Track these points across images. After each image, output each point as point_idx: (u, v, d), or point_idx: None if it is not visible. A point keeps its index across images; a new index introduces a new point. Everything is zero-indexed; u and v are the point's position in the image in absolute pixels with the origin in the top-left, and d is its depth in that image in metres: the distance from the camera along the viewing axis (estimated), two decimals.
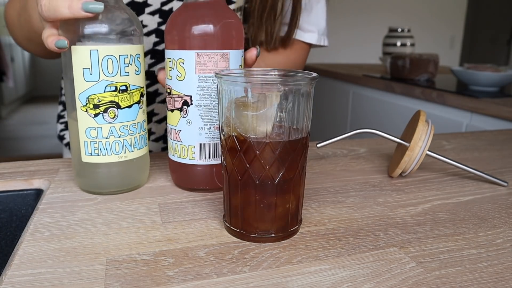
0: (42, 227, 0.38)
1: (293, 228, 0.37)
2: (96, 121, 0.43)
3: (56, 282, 0.30)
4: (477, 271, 0.33)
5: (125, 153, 0.45)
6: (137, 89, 0.44)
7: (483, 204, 0.46)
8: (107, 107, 0.42)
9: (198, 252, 0.34)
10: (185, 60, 0.43)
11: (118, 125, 0.43)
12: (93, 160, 0.44)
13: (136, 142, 0.45)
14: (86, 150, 0.44)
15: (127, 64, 0.42)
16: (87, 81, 0.41)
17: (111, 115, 0.43)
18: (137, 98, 0.44)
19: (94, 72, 0.41)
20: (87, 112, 0.42)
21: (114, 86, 0.42)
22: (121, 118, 0.43)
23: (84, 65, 0.41)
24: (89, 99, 0.42)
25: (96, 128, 0.43)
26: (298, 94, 0.34)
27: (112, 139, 0.43)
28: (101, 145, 0.43)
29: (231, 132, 0.35)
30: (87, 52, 0.40)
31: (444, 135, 0.77)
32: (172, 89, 0.45)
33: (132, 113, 0.44)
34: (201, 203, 0.44)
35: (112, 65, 0.41)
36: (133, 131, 0.45)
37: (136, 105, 0.44)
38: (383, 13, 3.26)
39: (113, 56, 0.41)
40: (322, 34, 0.73)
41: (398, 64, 1.63)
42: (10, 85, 4.29)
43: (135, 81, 0.44)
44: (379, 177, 0.53)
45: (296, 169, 0.36)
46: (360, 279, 0.31)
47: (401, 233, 0.38)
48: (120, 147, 0.44)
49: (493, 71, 1.31)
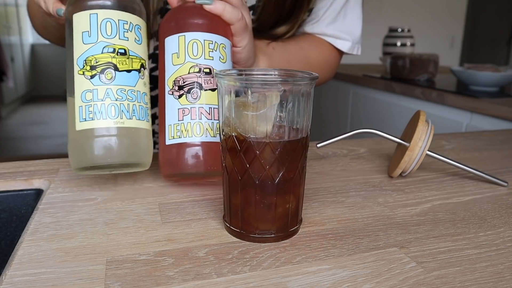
0: (42, 227, 0.38)
1: (293, 228, 0.37)
2: (92, 82, 0.41)
3: (56, 282, 0.30)
4: (477, 271, 0.33)
5: (122, 119, 0.42)
6: (137, 57, 0.43)
7: (483, 204, 0.46)
8: (104, 68, 0.41)
9: (198, 252, 0.34)
10: (226, 45, 0.47)
11: (115, 87, 0.42)
12: (87, 125, 0.41)
13: (135, 110, 0.43)
14: (81, 115, 0.41)
15: (127, 30, 0.42)
16: (85, 43, 0.41)
17: (107, 76, 0.41)
18: (137, 66, 0.43)
19: (93, 34, 0.41)
20: (84, 74, 0.41)
21: (112, 48, 0.42)
22: (119, 80, 0.42)
23: (83, 29, 0.41)
24: (86, 61, 0.41)
25: (91, 90, 0.41)
26: (298, 94, 0.34)
27: (108, 101, 0.41)
28: (96, 108, 0.41)
29: (231, 132, 0.35)
30: (87, 16, 0.41)
31: (444, 135, 0.77)
32: (214, 69, 0.45)
33: (131, 79, 0.43)
34: (201, 203, 0.44)
35: (111, 27, 0.41)
36: (132, 98, 0.43)
37: (136, 72, 0.43)
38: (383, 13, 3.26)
39: (112, 20, 0.41)
40: (357, 43, 0.72)
41: (398, 64, 1.63)
42: (10, 85, 4.29)
43: (135, 49, 0.43)
44: (379, 177, 0.53)
45: (296, 169, 0.36)
46: (360, 279, 0.31)
47: (401, 233, 0.38)
48: (116, 111, 0.42)
49: (493, 71, 1.31)
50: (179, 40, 0.44)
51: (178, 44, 0.44)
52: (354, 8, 0.70)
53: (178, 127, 0.44)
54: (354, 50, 0.73)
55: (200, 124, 0.44)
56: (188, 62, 0.44)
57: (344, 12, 0.69)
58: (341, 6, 0.69)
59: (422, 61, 1.57)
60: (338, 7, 0.68)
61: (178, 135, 0.44)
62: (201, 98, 0.44)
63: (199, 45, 0.44)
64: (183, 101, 0.44)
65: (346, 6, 0.69)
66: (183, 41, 0.44)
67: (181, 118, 0.44)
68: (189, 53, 0.44)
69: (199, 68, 0.44)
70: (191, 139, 0.44)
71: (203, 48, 0.44)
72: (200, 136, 0.44)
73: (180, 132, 0.44)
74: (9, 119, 4.35)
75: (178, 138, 0.44)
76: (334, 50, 0.72)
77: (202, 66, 0.44)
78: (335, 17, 0.69)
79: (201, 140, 0.44)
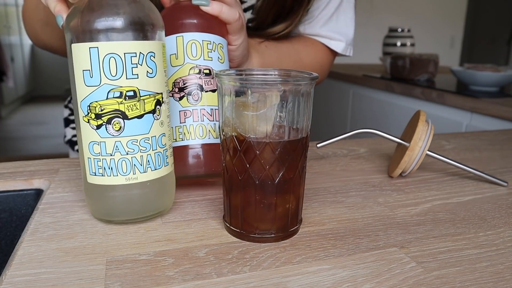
0: (42, 227, 0.38)
1: (293, 228, 0.37)
2: (99, 134, 0.36)
3: (56, 282, 0.30)
4: (477, 271, 0.33)
5: (135, 174, 0.37)
6: (151, 95, 0.37)
7: (483, 204, 0.46)
8: (111, 117, 0.35)
9: (198, 252, 0.34)
10: (223, 45, 0.47)
11: (125, 139, 0.36)
12: (97, 181, 0.37)
13: (150, 161, 0.37)
14: (90, 169, 0.37)
15: (135, 65, 0.35)
16: (87, 85, 0.35)
17: (115, 127, 0.36)
18: (151, 107, 0.37)
19: (95, 75, 0.35)
20: (89, 123, 0.36)
21: (119, 91, 0.35)
22: (128, 131, 0.36)
23: (83, 66, 0.35)
24: (91, 108, 0.35)
25: (99, 143, 0.36)
26: (298, 94, 0.34)
27: (118, 156, 0.36)
28: (105, 164, 0.36)
29: (231, 132, 0.35)
30: (87, 50, 0.34)
31: (444, 135, 0.77)
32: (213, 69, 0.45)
33: (143, 125, 0.36)
34: (201, 203, 0.44)
35: (115, 65, 0.35)
36: (145, 148, 0.37)
37: (150, 116, 0.37)
38: (383, 13, 3.26)
39: (116, 55, 0.34)
40: (349, 44, 0.73)
41: (398, 64, 1.63)
42: (10, 85, 4.30)
43: (147, 85, 0.36)
44: (379, 177, 0.53)
45: (296, 169, 0.36)
46: (360, 279, 0.31)
47: (401, 233, 0.38)
48: (128, 167, 0.37)
49: (493, 71, 1.31)
50: (177, 41, 0.44)
51: (176, 44, 0.44)
52: (346, 9, 0.71)
53: (180, 129, 0.44)
54: (347, 51, 0.73)
55: (202, 126, 0.44)
56: (187, 63, 0.44)
57: (337, 14, 0.70)
58: (335, 8, 0.69)
59: (422, 61, 1.57)
60: (332, 8, 0.69)
61: (180, 137, 0.44)
62: (203, 100, 0.44)
63: (198, 46, 0.44)
64: (184, 103, 0.44)
65: (339, 7, 0.70)
66: (181, 42, 0.44)
67: (183, 121, 0.44)
68: (188, 54, 0.44)
69: (199, 69, 0.44)
70: (194, 141, 0.44)
71: (202, 49, 0.44)
72: (203, 138, 0.44)
73: (182, 135, 0.44)
74: (9, 119, 4.35)
75: (181, 140, 0.44)
76: (328, 51, 0.72)
77: (202, 67, 0.44)
78: (329, 18, 0.69)
79: (204, 142, 0.44)
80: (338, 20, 0.70)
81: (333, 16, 0.70)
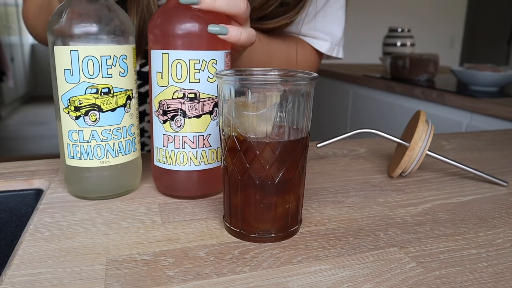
0: (42, 227, 0.38)
1: (293, 228, 0.37)
2: (78, 124, 0.42)
3: (56, 282, 0.30)
4: (477, 271, 0.33)
5: (108, 158, 0.43)
6: (123, 91, 0.43)
7: (483, 204, 0.46)
8: (88, 109, 0.41)
9: (198, 252, 0.34)
10: (217, 60, 0.42)
11: (100, 128, 0.42)
12: (75, 163, 0.43)
13: (121, 147, 0.44)
14: (69, 153, 0.43)
15: (110, 66, 0.41)
16: (68, 82, 0.41)
17: (92, 118, 0.41)
18: (122, 101, 0.43)
19: (75, 73, 0.40)
20: (69, 114, 0.41)
21: (95, 88, 0.41)
22: (103, 121, 0.42)
23: (65, 65, 0.40)
24: (70, 101, 0.41)
25: (77, 131, 0.42)
26: (298, 94, 0.34)
27: (94, 143, 0.42)
28: (82, 149, 0.42)
29: (231, 132, 0.35)
30: (68, 53, 0.40)
31: (444, 135, 0.77)
32: (200, 92, 0.42)
33: (116, 117, 0.43)
34: (201, 203, 0.44)
35: (93, 66, 0.40)
36: (117, 136, 0.43)
37: (121, 109, 0.43)
38: (383, 13, 3.26)
39: (94, 57, 0.40)
40: (337, 45, 0.69)
41: (398, 64, 1.63)
42: (10, 85, 4.30)
43: (119, 83, 0.42)
44: (379, 177, 0.53)
45: (296, 169, 0.36)
46: (360, 279, 0.31)
47: (401, 233, 0.38)
48: (102, 152, 0.43)
49: (493, 71, 1.31)
50: (162, 58, 0.41)
51: (162, 62, 0.41)
52: (334, 8, 0.67)
53: (163, 152, 0.44)
54: (334, 51, 0.69)
55: (183, 154, 0.43)
56: (171, 86, 0.41)
57: (324, 13, 0.67)
58: (320, 6, 0.66)
59: (422, 61, 1.57)
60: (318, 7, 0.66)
61: (163, 160, 0.44)
62: (185, 127, 0.42)
63: (184, 67, 0.41)
64: (167, 127, 0.43)
65: (326, 6, 0.67)
66: (167, 60, 0.41)
67: (165, 145, 0.43)
68: (172, 76, 0.41)
69: (183, 93, 0.41)
70: (175, 167, 0.44)
71: (187, 70, 0.41)
72: (183, 165, 0.43)
73: (165, 159, 0.44)
74: (9, 119, 4.35)
75: (164, 163, 0.44)
76: (314, 50, 0.69)
77: (187, 91, 0.41)
78: (313, 17, 0.66)
79: (185, 169, 0.44)
80: (325, 19, 0.67)
81: (319, 15, 0.66)
